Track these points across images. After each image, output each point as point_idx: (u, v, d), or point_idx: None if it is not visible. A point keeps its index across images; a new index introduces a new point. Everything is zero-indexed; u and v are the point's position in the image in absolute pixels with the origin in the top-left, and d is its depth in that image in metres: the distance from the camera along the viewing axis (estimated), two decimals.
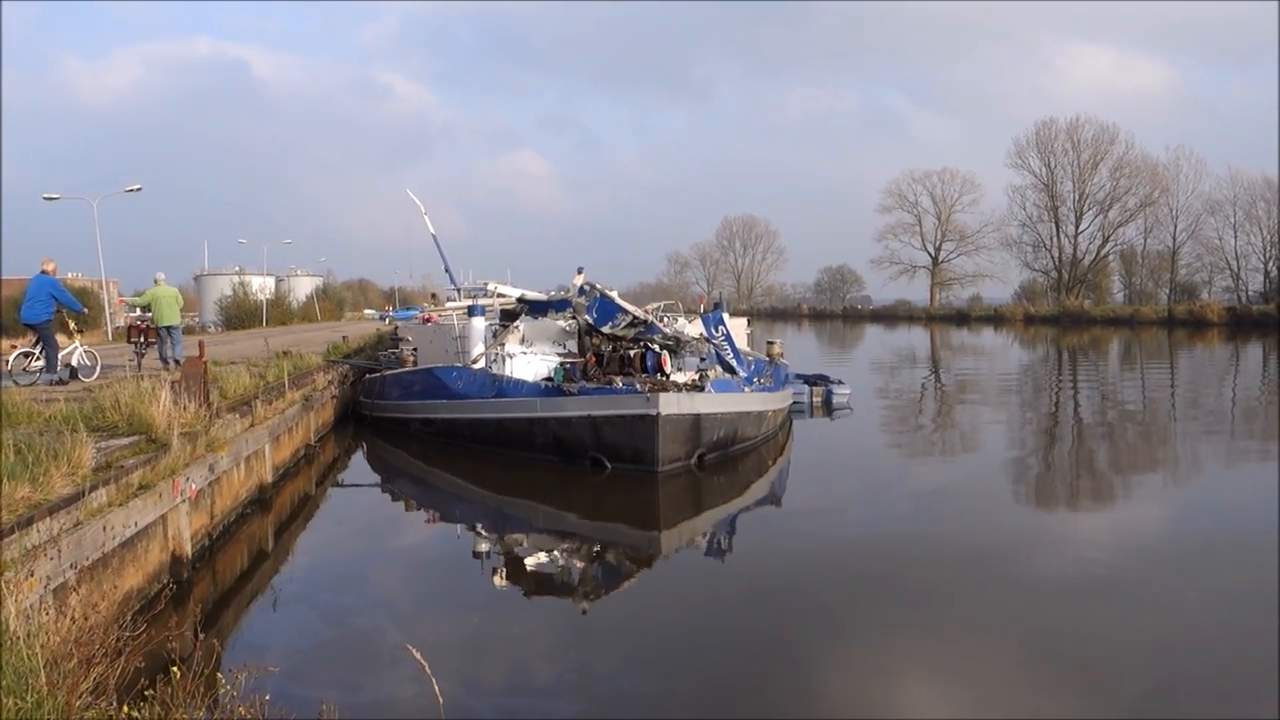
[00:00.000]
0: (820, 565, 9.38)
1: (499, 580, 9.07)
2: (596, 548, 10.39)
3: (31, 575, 5.74)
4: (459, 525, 12.09)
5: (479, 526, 11.85)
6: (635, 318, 16.48)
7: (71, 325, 14.77)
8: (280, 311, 55.33)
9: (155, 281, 16.68)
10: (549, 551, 10.20)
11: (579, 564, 9.66)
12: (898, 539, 10.31)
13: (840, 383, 22.96)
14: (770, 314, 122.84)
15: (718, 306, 18.02)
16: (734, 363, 16.18)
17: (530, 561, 9.78)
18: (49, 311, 13.35)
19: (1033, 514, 12.08)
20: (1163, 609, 7.98)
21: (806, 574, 9.10)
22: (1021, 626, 7.56)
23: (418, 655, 4.36)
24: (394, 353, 21.85)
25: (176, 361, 15.87)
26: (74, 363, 14.38)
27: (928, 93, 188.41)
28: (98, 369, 14.44)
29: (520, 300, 17.97)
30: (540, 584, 9.01)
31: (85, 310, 18.03)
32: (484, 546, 10.67)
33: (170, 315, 16.37)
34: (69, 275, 53.54)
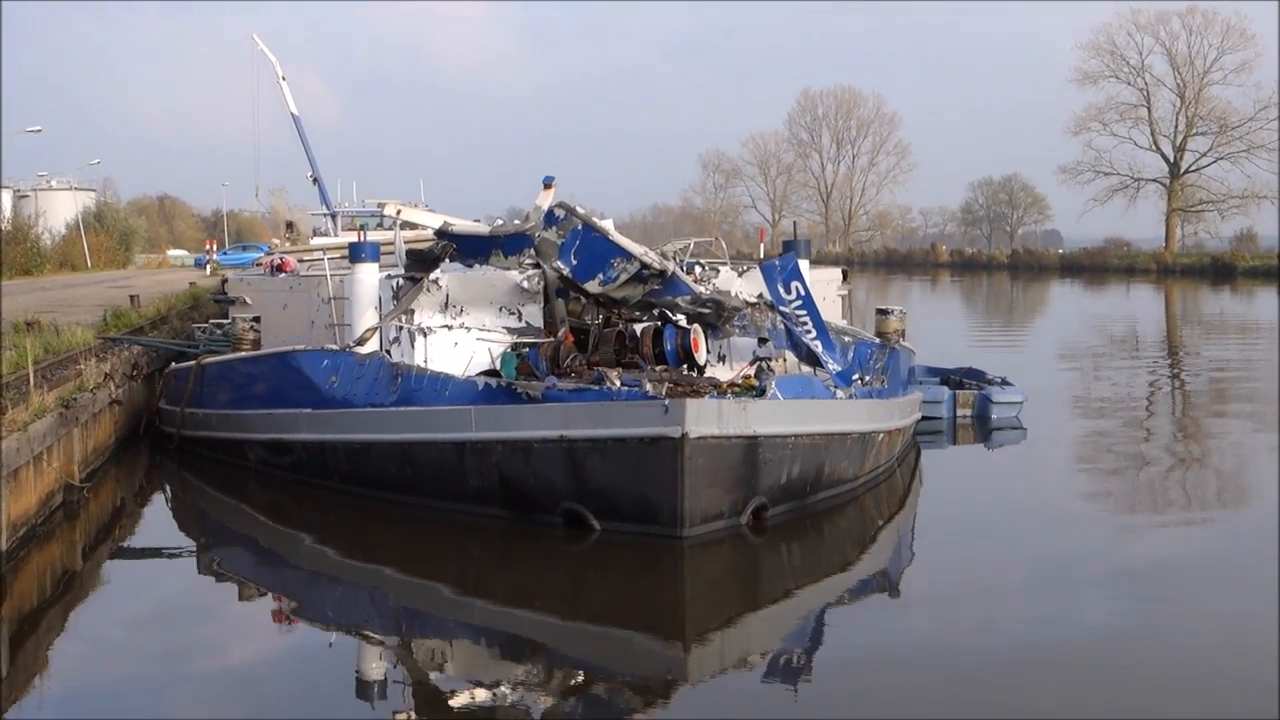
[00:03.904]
0: (963, 696, 9.41)
1: None
2: (576, 675, 10.42)
3: None
4: (333, 630, 12.14)
5: (369, 633, 11.90)
6: (644, 266, 16.43)
7: None
8: (21, 251, 55.45)
9: None
10: (491, 680, 10.24)
11: (543, 701, 9.68)
12: (1094, 648, 10.39)
13: (1005, 383, 23.06)
14: (885, 261, 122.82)
15: (791, 247, 17.96)
16: (818, 347, 16.15)
17: (458, 697, 9.80)
18: None
19: None
20: None
21: (937, 713, 9.14)
22: None
23: None
24: (220, 325, 21.86)
25: None
26: None
27: None
28: None
29: (442, 235, 17.91)
30: None
31: None
32: (377, 669, 10.73)
33: None
34: None
